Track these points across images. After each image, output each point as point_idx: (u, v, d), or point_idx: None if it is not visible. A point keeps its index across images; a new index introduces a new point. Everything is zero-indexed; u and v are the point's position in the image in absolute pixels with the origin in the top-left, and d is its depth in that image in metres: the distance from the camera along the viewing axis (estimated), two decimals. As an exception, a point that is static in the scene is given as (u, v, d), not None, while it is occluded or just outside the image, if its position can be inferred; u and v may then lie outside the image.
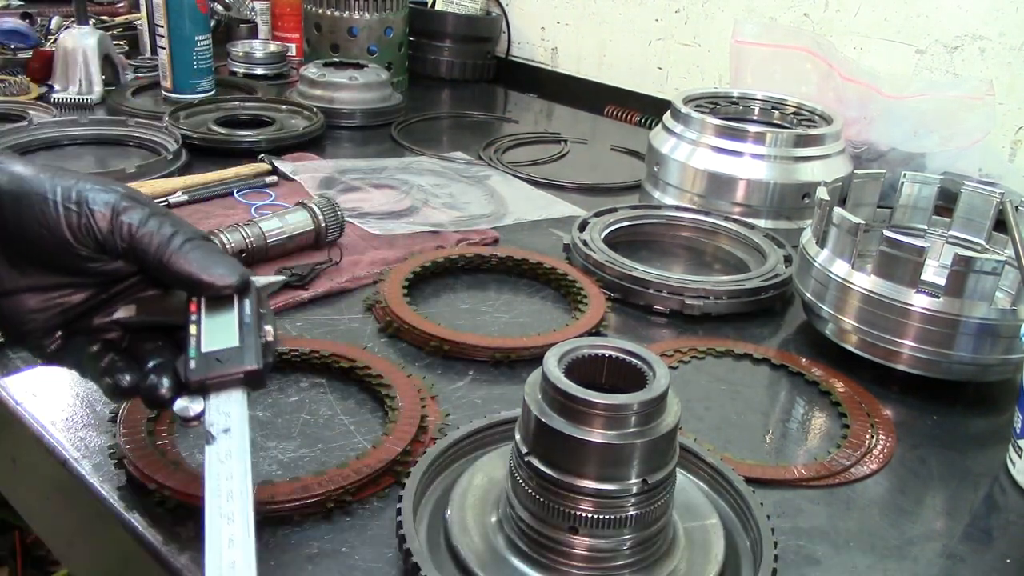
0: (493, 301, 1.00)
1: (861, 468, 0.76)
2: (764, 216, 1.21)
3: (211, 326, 0.54)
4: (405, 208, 1.21)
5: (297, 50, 1.98)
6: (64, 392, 0.77)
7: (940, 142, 1.29)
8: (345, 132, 1.57)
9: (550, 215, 1.25)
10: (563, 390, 0.53)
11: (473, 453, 0.68)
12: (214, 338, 0.54)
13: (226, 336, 0.54)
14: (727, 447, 0.78)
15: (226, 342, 0.53)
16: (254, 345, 0.53)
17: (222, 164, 1.28)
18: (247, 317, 0.55)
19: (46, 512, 0.81)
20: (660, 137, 1.28)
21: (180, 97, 1.56)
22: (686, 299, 0.98)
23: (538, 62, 2.06)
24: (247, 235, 0.98)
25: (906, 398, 0.88)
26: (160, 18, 1.52)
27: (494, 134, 1.64)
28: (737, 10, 1.68)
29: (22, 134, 1.33)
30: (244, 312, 0.55)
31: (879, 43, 1.51)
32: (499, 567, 0.57)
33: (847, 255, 0.88)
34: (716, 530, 0.62)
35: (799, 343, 0.97)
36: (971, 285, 0.81)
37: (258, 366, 0.53)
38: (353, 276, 1.00)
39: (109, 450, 0.68)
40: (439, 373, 0.85)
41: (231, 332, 0.54)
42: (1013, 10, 1.37)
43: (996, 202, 1.00)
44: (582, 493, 0.55)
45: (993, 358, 0.84)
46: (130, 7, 2.11)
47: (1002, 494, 0.76)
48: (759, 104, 1.36)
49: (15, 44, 1.73)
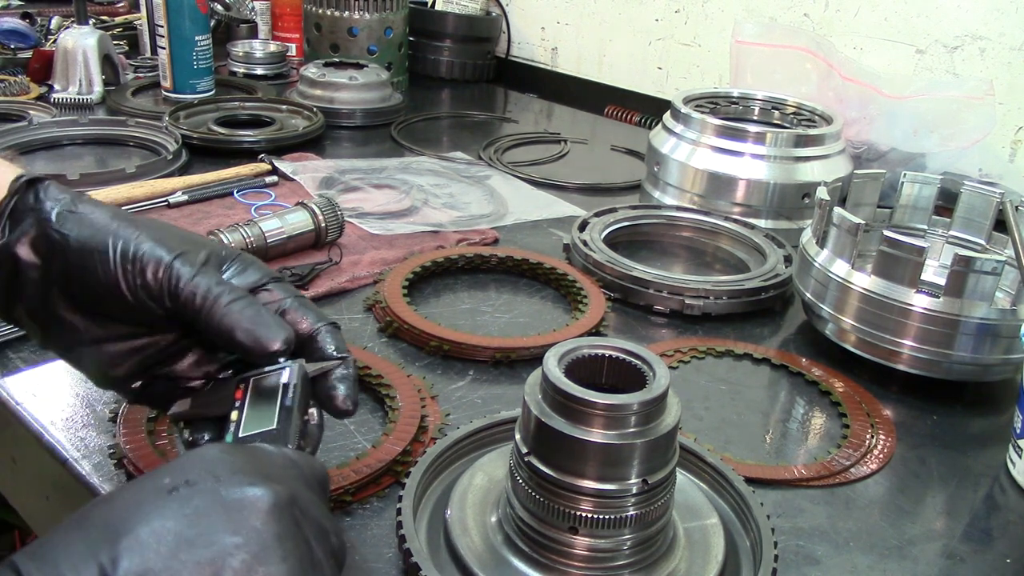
0: (493, 301, 1.00)
1: (861, 468, 0.76)
2: (764, 216, 1.21)
3: (252, 412, 0.53)
4: (405, 208, 1.21)
5: (297, 50, 1.98)
6: (64, 392, 0.76)
7: (940, 142, 1.29)
8: (345, 132, 1.57)
9: (550, 215, 1.25)
10: (563, 390, 0.53)
11: (473, 453, 0.68)
12: (253, 422, 0.52)
13: (265, 420, 0.52)
14: (727, 447, 0.78)
15: (263, 425, 0.52)
16: (292, 429, 0.52)
17: (222, 164, 1.28)
18: (288, 400, 0.53)
19: (46, 512, 0.81)
20: (660, 137, 1.28)
21: (180, 97, 1.56)
22: (686, 299, 0.98)
23: (538, 62, 2.06)
24: (247, 235, 0.98)
25: (906, 398, 0.88)
26: (160, 18, 1.53)
27: (494, 134, 1.64)
28: (737, 10, 1.68)
29: (22, 134, 1.33)
30: (287, 396, 0.53)
31: (879, 43, 1.51)
32: (499, 567, 0.57)
33: (847, 255, 0.88)
34: (716, 530, 0.62)
35: (799, 343, 0.97)
36: (971, 285, 0.81)
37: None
38: (353, 276, 1.00)
39: (109, 450, 0.68)
40: (439, 373, 0.85)
41: (270, 416, 0.53)
42: (1013, 10, 1.37)
43: (996, 202, 1.00)
44: (582, 493, 0.55)
45: (993, 358, 0.84)
46: (130, 7, 2.11)
47: (1002, 494, 0.76)
48: (759, 104, 1.36)
49: (15, 44, 1.73)
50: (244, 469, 0.41)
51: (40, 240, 0.54)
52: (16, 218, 0.54)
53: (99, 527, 0.37)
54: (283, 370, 0.55)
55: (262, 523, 0.39)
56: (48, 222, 0.54)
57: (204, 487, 0.39)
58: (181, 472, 0.41)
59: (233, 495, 0.39)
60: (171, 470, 0.41)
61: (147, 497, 0.39)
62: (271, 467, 0.43)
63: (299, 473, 0.46)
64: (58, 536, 0.37)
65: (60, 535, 0.37)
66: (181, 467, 0.41)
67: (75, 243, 0.53)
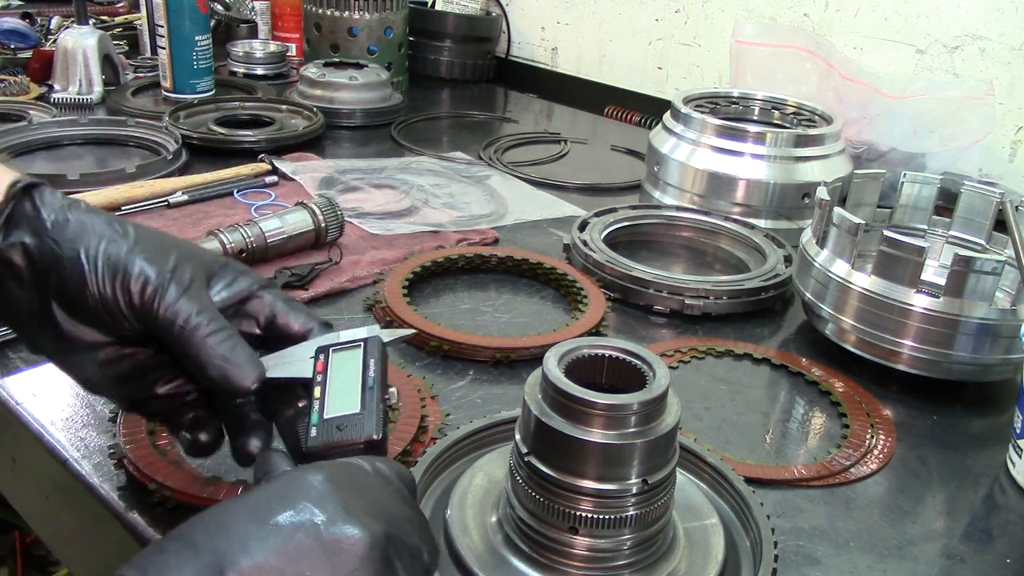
0: (493, 301, 1.00)
1: (861, 468, 0.76)
2: (764, 216, 1.21)
3: (334, 388, 0.53)
4: (405, 208, 1.21)
5: (297, 50, 1.98)
6: (64, 392, 0.76)
7: (940, 142, 1.29)
8: (345, 132, 1.57)
9: (550, 215, 1.25)
10: (563, 390, 0.53)
11: (473, 453, 0.68)
12: (337, 402, 0.52)
13: (348, 400, 0.52)
14: (727, 447, 0.78)
15: (348, 407, 0.51)
16: (375, 412, 0.51)
17: (222, 164, 1.28)
18: (370, 380, 0.53)
19: (46, 512, 0.81)
20: (660, 137, 1.28)
21: (180, 97, 1.56)
22: (686, 299, 0.98)
23: (538, 62, 2.06)
24: (247, 235, 0.98)
25: (906, 398, 0.88)
26: (160, 18, 1.53)
27: (494, 134, 1.64)
28: (737, 10, 1.68)
29: (22, 134, 1.33)
30: (368, 374, 0.53)
31: (879, 43, 1.51)
32: (499, 567, 0.57)
33: (847, 255, 0.88)
34: (716, 530, 0.62)
35: (799, 343, 0.97)
36: (971, 285, 0.81)
37: (378, 437, 0.50)
38: (353, 276, 1.00)
39: (109, 450, 0.68)
40: (439, 373, 0.85)
41: (354, 396, 0.52)
42: (1013, 10, 1.37)
43: (996, 202, 1.00)
44: (582, 493, 0.55)
45: (993, 358, 0.84)
46: (130, 7, 2.11)
47: (1002, 494, 0.76)
48: (759, 104, 1.36)
49: (15, 44, 1.73)
50: (345, 504, 0.42)
51: (34, 247, 0.53)
52: (12, 224, 0.54)
53: (208, 554, 0.39)
54: (361, 344, 0.55)
55: (358, 566, 0.41)
56: (43, 229, 0.54)
57: (306, 521, 0.41)
58: (286, 501, 0.42)
59: (333, 535, 0.41)
60: (278, 497, 0.42)
61: (252, 529, 0.40)
62: (369, 495, 0.44)
63: (393, 491, 0.46)
64: (169, 557, 0.39)
65: (172, 556, 0.39)
66: (286, 495, 0.42)
67: (68, 252, 0.53)
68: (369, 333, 0.56)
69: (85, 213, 0.55)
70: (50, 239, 0.53)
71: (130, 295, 0.53)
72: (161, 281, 0.53)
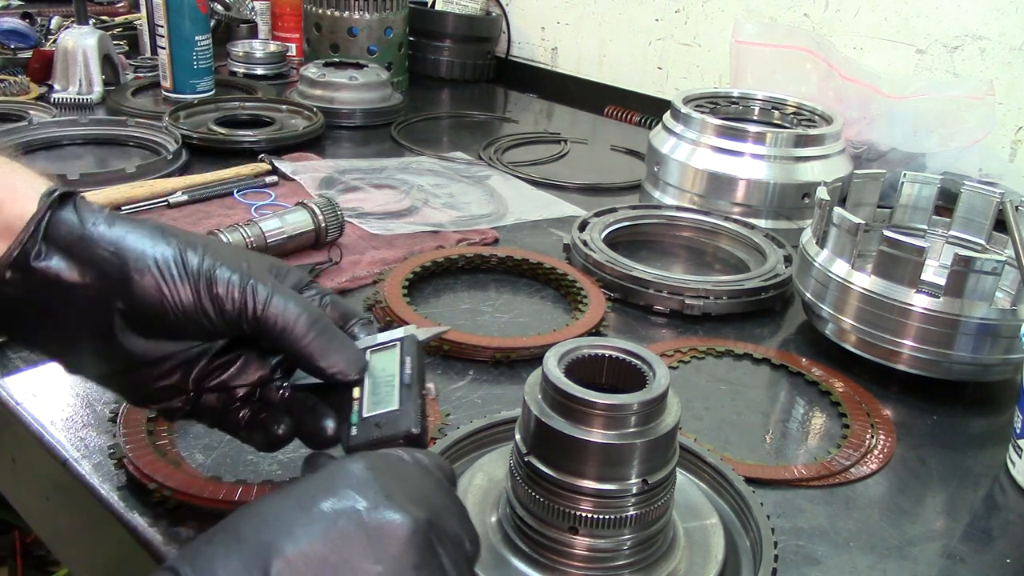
0: (493, 301, 1.00)
1: (861, 468, 0.76)
2: (764, 216, 1.21)
3: (373, 387, 0.54)
4: (405, 208, 1.21)
5: (297, 50, 1.98)
6: (64, 392, 0.76)
7: (940, 142, 1.29)
8: (345, 132, 1.57)
9: (550, 215, 1.25)
10: (563, 390, 0.53)
11: (473, 453, 0.68)
12: (375, 401, 0.53)
13: (387, 398, 0.53)
14: (727, 447, 0.78)
15: (386, 404, 0.53)
16: (413, 407, 0.52)
17: (222, 164, 1.28)
18: (407, 377, 0.54)
19: (46, 512, 0.81)
20: (660, 137, 1.29)
21: (180, 97, 1.56)
22: (686, 299, 0.98)
23: (538, 62, 2.06)
24: (247, 235, 0.98)
25: (906, 398, 0.88)
26: (160, 18, 1.53)
27: (494, 134, 1.64)
28: (737, 10, 1.68)
29: (22, 134, 1.33)
30: (405, 371, 0.54)
31: (879, 43, 1.51)
32: (499, 567, 0.57)
33: (847, 255, 0.88)
34: (716, 530, 0.61)
35: (799, 343, 0.97)
36: (971, 285, 0.81)
37: (416, 431, 0.52)
38: (353, 276, 1.00)
39: (109, 450, 0.68)
40: (439, 373, 0.85)
41: (392, 394, 0.53)
42: (1013, 10, 1.37)
43: (996, 202, 1.00)
44: (582, 493, 0.55)
45: (993, 358, 0.84)
46: (130, 7, 2.11)
47: (1002, 494, 0.76)
48: (759, 104, 1.36)
49: (15, 44, 1.73)
50: (386, 490, 0.42)
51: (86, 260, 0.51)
52: (52, 238, 0.50)
53: (254, 544, 0.39)
54: (397, 343, 0.56)
55: (401, 551, 0.41)
56: (95, 243, 0.51)
57: (348, 508, 0.41)
58: (328, 489, 0.42)
59: (376, 520, 0.41)
60: (319, 486, 0.43)
61: (296, 517, 0.41)
62: (409, 482, 0.45)
63: (434, 481, 0.46)
64: (217, 548, 0.39)
65: (219, 547, 0.39)
66: (328, 484, 0.43)
67: (136, 265, 0.51)
68: (405, 332, 0.57)
69: (128, 221, 0.53)
70: (107, 252, 0.51)
71: (220, 301, 0.52)
72: (247, 284, 0.53)
